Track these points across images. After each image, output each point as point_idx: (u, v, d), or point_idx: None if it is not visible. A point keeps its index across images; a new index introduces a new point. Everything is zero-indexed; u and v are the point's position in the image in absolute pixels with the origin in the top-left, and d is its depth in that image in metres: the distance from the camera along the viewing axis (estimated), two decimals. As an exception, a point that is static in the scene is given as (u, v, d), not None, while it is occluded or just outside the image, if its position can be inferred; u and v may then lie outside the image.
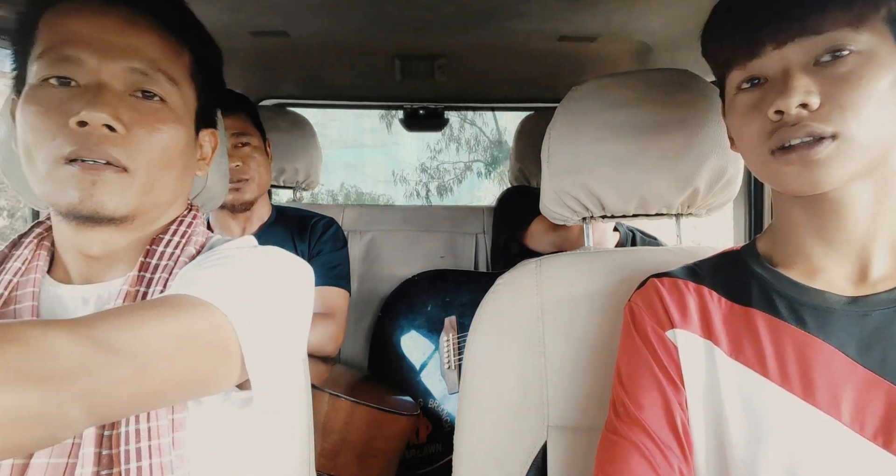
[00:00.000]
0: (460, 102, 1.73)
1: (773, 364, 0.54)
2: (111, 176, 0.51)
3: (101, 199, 0.51)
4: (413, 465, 1.35)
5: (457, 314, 1.42)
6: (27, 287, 0.54)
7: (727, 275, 0.61)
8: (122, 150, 0.51)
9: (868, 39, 0.49)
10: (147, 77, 0.53)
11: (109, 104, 0.50)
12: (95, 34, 0.52)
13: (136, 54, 0.53)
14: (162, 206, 0.58)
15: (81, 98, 0.50)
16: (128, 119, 0.51)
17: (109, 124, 0.50)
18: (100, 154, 0.50)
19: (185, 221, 0.61)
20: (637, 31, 1.21)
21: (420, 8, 1.09)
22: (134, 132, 0.52)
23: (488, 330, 0.75)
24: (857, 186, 0.52)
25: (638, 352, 0.60)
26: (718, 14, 0.57)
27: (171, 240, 0.58)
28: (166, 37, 0.56)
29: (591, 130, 0.74)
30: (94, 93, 0.51)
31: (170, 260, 0.56)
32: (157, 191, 0.55)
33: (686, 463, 0.55)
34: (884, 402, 0.50)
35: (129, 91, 0.53)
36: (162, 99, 0.55)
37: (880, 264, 0.54)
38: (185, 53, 0.58)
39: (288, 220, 1.36)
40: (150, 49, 0.54)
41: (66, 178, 0.50)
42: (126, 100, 0.52)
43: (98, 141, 0.50)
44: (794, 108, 0.49)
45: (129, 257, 0.58)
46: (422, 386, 1.40)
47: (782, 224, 0.59)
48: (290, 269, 0.59)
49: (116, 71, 0.52)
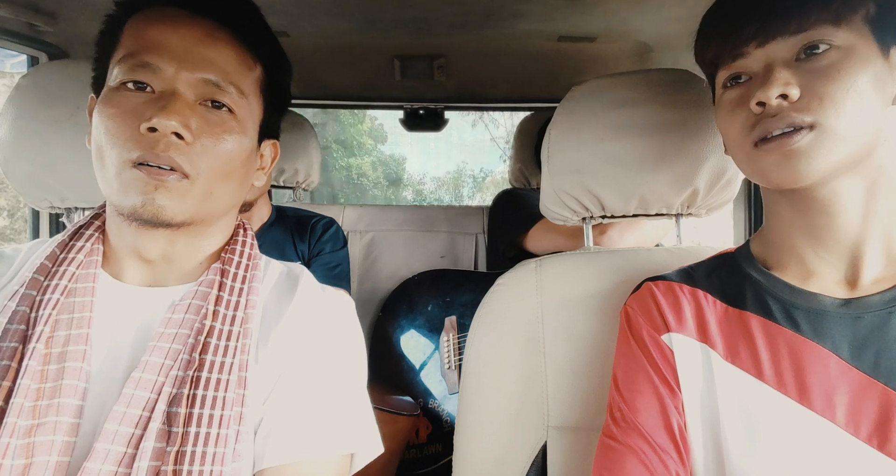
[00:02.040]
0: (460, 102, 1.73)
1: (768, 367, 0.54)
2: (173, 182, 0.52)
3: (162, 204, 0.52)
4: (413, 466, 1.35)
5: (457, 314, 1.42)
6: (87, 281, 0.55)
7: (722, 278, 0.61)
8: (187, 157, 0.52)
9: (847, 36, 0.50)
10: (219, 89, 0.55)
11: (180, 112, 0.52)
12: (176, 44, 0.54)
13: (211, 66, 0.55)
14: (219, 213, 0.59)
15: (154, 104, 0.52)
16: (196, 128, 0.53)
17: (178, 132, 0.51)
18: (165, 160, 0.51)
19: (248, 243, 0.63)
20: (637, 31, 1.21)
21: (420, 8, 1.09)
22: (201, 141, 0.53)
23: (488, 330, 0.75)
24: (844, 184, 0.52)
25: (634, 356, 0.60)
26: (706, 18, 0.59)
27: (240, 261, 0.60)
28: (242, 51, 0.57)
29: (591, 130, 0.74)
30: (167, 100, 0.52)
31: (241, 282, 0.59)
32: (216, 199, 0.57)
33: (683, 467, 0.55)
34: (878, 404, 0.50)
35: (199, 100, 0.54)
36: (230, 110, 0.56)
37: (872, 266, 0.54)
38: (257, 68, 0.59)
39: (288, 221, 1.36)
40: (225, 62, 0.56)
41: (131, 182, 0.51)
42: (196, 109, 0.54)
43: (165, 147, 0.51)
44: (774, 98, 0.50)
45: (185, 267, 0.59)
46: (422, 386, 1.40)
47: (773, 225, 0.59)
48: (359, 336, 0.64)
49: (191, 81, 0.54)
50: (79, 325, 0.52)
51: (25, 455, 0.47)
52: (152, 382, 0.51)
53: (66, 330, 0.52)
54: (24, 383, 0.48)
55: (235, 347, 0.54)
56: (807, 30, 0.50)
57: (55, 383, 0.50)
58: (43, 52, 1.19)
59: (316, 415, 0.55)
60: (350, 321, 0.64)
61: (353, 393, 0.60)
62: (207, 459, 0.49)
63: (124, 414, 0.49)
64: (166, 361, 0.52)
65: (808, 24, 0.50)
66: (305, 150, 1.57)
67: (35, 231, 1.30)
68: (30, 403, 0.48)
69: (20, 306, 0.53)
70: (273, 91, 0.62)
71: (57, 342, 0.52)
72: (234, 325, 0.55)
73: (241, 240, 0.62)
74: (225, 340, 0.54)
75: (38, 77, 0.80)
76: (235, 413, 0.52)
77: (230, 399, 0.52)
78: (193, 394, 0.50)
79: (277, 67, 0.62)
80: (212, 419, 0.50)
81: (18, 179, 0.81)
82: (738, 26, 0.53)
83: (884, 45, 0.51)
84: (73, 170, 0.79)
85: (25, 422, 0.48)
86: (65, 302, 0.54)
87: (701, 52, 0.60)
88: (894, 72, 0.51)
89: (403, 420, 1.20)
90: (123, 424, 0.49)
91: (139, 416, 0.49)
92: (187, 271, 0.59)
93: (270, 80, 0.62)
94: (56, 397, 0.49)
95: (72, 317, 0.53)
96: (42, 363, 0.50)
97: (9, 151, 0.79)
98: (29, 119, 0.78)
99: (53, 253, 0.57)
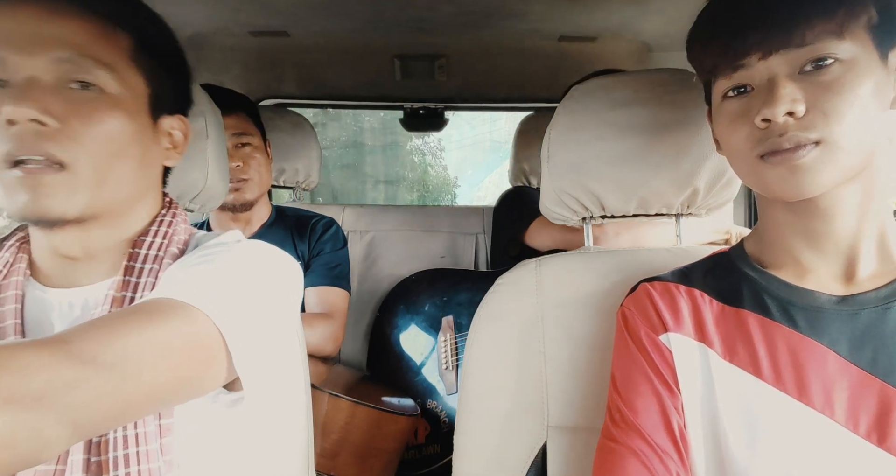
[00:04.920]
0: (460, 102, 1.73)
1: (766, 365, 0.54)
2: (52, 178, 0.49)
3: (45, 204, 0.49)
4: (412, 466, 1.35)
5: (454, 314, 1.42)
6: (9, 290, 0.53)
7: (718, 277, 0.61)
8: (57, 143, 0.49)
9: (850, 48, 0.49)
10: (75, 65, 0.50)
11: (35, 98, 0.48)
12: (13, 28, 0.49)
13: (58, 43, 0.50)
14: (125, 201, 0.56)
15: (9, 96, 0.48)
16: (60, 111, 0.49)
17: (37, 118, 0.48)
18: (34, 150, 0.48)
19: (165, 221, 0.59)
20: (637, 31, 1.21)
21: (420, 8, 1.09)
22: (69, 124, 0.49)
23: (488, 330, 0.75)
24: (844, 191, 0.52)
25: (632, 357, 0.60)
26: (703, 20, 0.57)
27: (154, 241, 0.57)
28: (94, 20, 0.52)
29: (592, 130, 0.74)
30: (22, 88, 0.49)
31: (154, 262, 0.55)
32: (112, 185, 0.53)
33: (684, 467, 0.55)
34: (876, 400, 0.50)
35: (62, 83, 0.50)
36: (100, 88, 0.52)
37: (867, 263, 0.54)
38: (121, 36, 0.54)
39: (288, 221, 1.36)
40: (74, 36, 0.51)
41: (11, 184, 0.49)
42: (60, 92, 0.50)
43: (31, 138, 0.48)
44: (780, 116, 0.49)
45: (110, 258, 0.57)
46: (420, 386, 1.40)
47: (768, 226, 0.59)
48: (275, 263, 0.58)
49: (42, 63, 0.50)
50: (3, 335, 0.50)
51: None
52: None
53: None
54: None
55: None
56: (812, 43, 0.49)
57: None
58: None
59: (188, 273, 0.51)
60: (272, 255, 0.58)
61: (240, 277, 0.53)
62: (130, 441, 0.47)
63: None
64: None
65: (812, 36, 0.49)
66: (305, 150, 1.57)
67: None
68: None
69: None
70: (153, 60, 0.57)
71: None
72: None
73: (158, 219, 0.59)
74: None
75: None
76: (156, 427, 0.49)
77: (148, 419, 0.49)
78: None
79: (150, 33, 0.57)
80: (135, 438, 0.48)
81: None
82: (740, 36, 0.52)
83: (882, 51, 0.51)
84: None
85: None
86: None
87: (698, 57, 0.59)
88: (892, 76, 0.51)
89: (404, 420, 1.20)
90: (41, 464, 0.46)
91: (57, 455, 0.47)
92: (113, 264, 0.56)
93: (145, 48, 0.56)
94: None
95: None
96: None
97: None
98: None
99: None
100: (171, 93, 0.61)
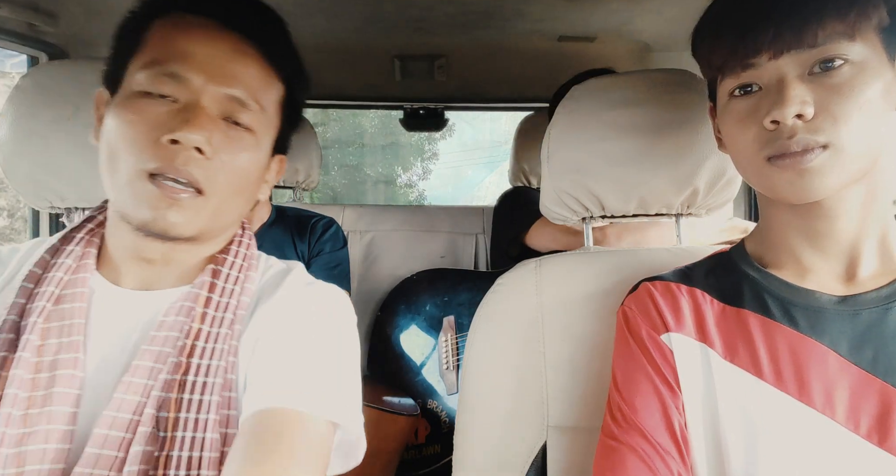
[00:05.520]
0: (460, 102, 1.73)
1: (767, 365, 0.54)
2: (187, 200, 0.51)
3: (174, 221, 0.51)
4: (412, 466, 1.35)
5: (455, 314, 1.42)
6: (77, 287, 0.54)
7: (719, 277, 0.61)
8: (205, 172, 0.52)
9: (861, 50, 0.49)
10: (242, 106, 0.54)
11: (204, 127, 0.51)
12: (205, 56, 0.53)
13: (238, 82, 0.54)
14: (226, 227, 0.60)
15: (178, 116, 0.51)
16: (216, 143, 0.52)
17: (200, 147, 0.51)
18: (184, 174, 0.50)
19: (244, 242, 0.62)
20: (637, 31, 1.21)
21: (420, 8, 1.10)
22: (219, 156, 0.53)
23: (488, 330, 0.75)
24: (848, 192, 0.52)
25: (633, 356, 0.60)
26: (711, 18, 0.56)
27: (234, 261, 0.59)
28: (267, 67, 0.57)
29: (592, 130, 0.74)
30: (191, 113, 0.51)
31: (235, 283, 0.58)
32: (226, 214, 0.56)
33: (685, 467, 0.55)
34: (877, 401, 0.50)
35: (222, 116, 0.54)
36: (249, 128, 0.55)
37: (868, 263, 0.54)
38: (279, 85, 0.59)
39: (288, 221, 1.35)
40: (251, 78, 0.55)
41: (144, 195, 0.50)
42: (218, 124, 0.53)
43: (185, 161, 0.50)
44: (790, 118, 0.49)
45: (184, 268, 0.58)
46: (421, 386, 1.40)
47: (770, 225, 0.59)
48: (349, 324, 0.61)
49: (217, 95, 0.53)
50: (69, 333, 0.52)
51: (16, 464, 0.46)
52: (142, 386, 0.50)
53: (58, 338, 0.51)
54: (11, 393, 0.48)
55: (222, 349, 0.53)
56: (823, 44, 0.49)
57: (46, 392, 0.49)
58: (43, 52, 1.19)
59: (296, 368, 0.53)
60: (338, 306, 0.62)
61: (339, 367, 0.57)
62: (193, 464, 0.48)
63: (114, 418, 0.49)
64: (155, 365, 0.51)
65: (824, 37, 0.49)
66: (305, 150, 1.57)
67: (35, 231, 1.30)
68: (20, 412, 0.48)
69: (10, 315, 0.52)
70: (291, 108, 0.62)
71: (48, 350, 0.51)
72: (222, 327, 0.54)
73: (237, 240, 0.62)
74: (212, 343, 0.53)
75: (38, 77, 0.80)
76: (222, 416, 0.51)
77: (215, 402, 0.51)
78: (180, 398, 0.50)
79: (298, 86, 0.62)
80: (197, 423, 0.49)
81: (18, 179, 0.81)
82: (751, 35, 0.51)
83: (891, 53, 0.50)
84: (73, 170, 0.79)
85: (15, 431, 0.47)
86: (54, 309, 0.53)
87: (706, 55, 0.58)
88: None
89: (403, 420, 1.20)
90: (113, 429, 0.48)
91: (129, 421, 0.49)
92: (184, 273, 0.58)
93: (290, 98, 0.61)
94: (47, 406, 0.49)
95: (62, 324, 0.52)
96: (32, 372, 0.50)
97: (9, 151, 0.79)
98: (29, 119, 0.78)
99: (43, 259, 0.56)
100: (288, 137, 0.65)
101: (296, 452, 0.47)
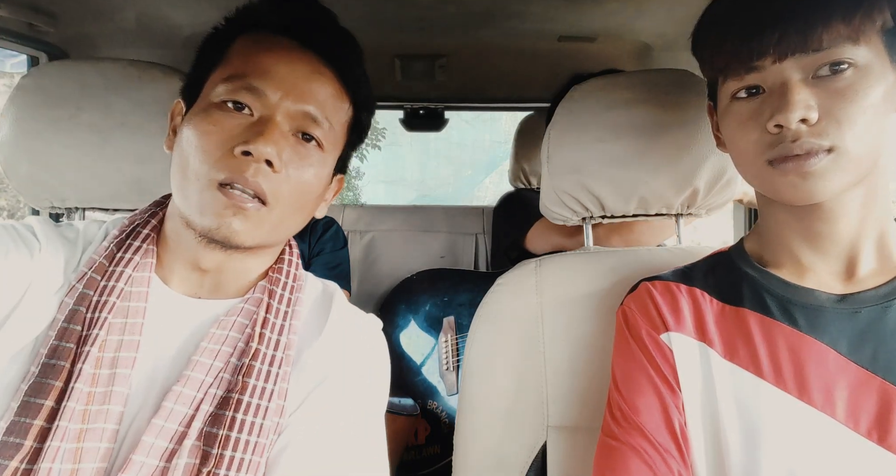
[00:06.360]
0: (460, 102, 1.73)
1: (766, 364, 0.54)
2: (252, 209, 0.52)
3: (237, 229, 0.52)
4: (412, 467, 1.34)
5: (455, 314, 1.42)
6: (141, 285, 0.55)
7: (718, 276, 0.61)
8: (272, 185, 0.52)
9: (865, 53, 0.49)
10: (315, 123, 0.56)
11: (276, 141, 0.52)
12: (285, 73, 0.54)
13: (313, 100, 0.55)
14: (281, 241, 0.61)
15: (252, 129, 0.52)
16: (286, 157, 0.53)
17: (271, 159, 0.52)
18: (253, 185, 0.51)
19: (293, 262, 0.63)
20: (637, 31, 1.21)
21: (420, 8, 1.09)
22: (287, 171, 0.54)
23: (488, 330, 0.75)
24: (849, 193, 0.52)
25: (633, 356, 0.60)
26: (714, 19, 0.56)
27: (286, 282, 0.60)
28: (341, 89, 0.59)
29: (591, 130, 0.74)
30: (265, 127, 0.52)
31: (287, 306, 0.59)
32: (285, 228, 0.57)
33: (685, 466, 0.55)
34: (877, 399, 0.50)
35: (293, 131, 0.55)
36: (319, 144, 0.57)
37: (867, 262, 0.54)
38: (349, 107, 0.61)
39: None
40: (325, 98, 0.57)
41: (212, 203, 0.51)
42: (289, 139, 0.54)
43: (255, 173, 0.51)
44: (794, 123, 0.49)
45: (231, 280, 0.59)
46: (421, 386, 1.40)
47: (769, 225, 0.59)
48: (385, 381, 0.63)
49: (291, 111, 0.54)
50: (131, 331, 0.52)
51: (73, 460, 0.46)
52: (191, 398, 0.50)
53: (119, 335, 0.51)
54: (78, 387, 0.48)
55: (277, 374, 0.53)
56: (828, 47, 0.49)
57: (106, 389, 0.49)
58: (43, 52, 1.19)
59: (335, 436, 0.54)
60: (380, 349, 0.63)
61: (372, 422, 0.59)
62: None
63: (162, 427, 0.48)
64: (206, 378, 0.51)
65: (829, 41, 0.48)
66: None
67: (35, 231, 1.30)
68: (81, 407, 0.48)
69: (77, 305, 0.51)
70: (356, 131, 0.64)
71: (109, 346, 0.51)
72: (278, 351, 0.54)
73: (287, 258, 0.62)
74: (268, 365, 0.53)
75: (38, 77, 0.80)
76: (270, 442, 0.51)
77: (267, 427, 0.51)
78: (233, 417, 0.50)
79: (366, 109, 0.64)
80: (247, 445, 0.49)
81: (19, 179, 0.81)
82: (756, 38, 0.51)
83: (894, 56, 0.50)
84: (74, 170, 0.79)
85: (76, 426, 0.47)
86: (119, 305, 0.53)
87: (708, 56, 0.57)
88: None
89: (403, 420, 1.20)
90: (160, 438, 0.48)
91: (175, 431, 0.49)
92: (234, 286, 0.59)
93: (357, 120, 0.63)
94: (106, 403, 0.49)
95: (125, 322, 0.52)
96: (94, 367, 0.50)
97: (9, 151, 0.79)
98: (29, 119, 0.78)
99: (111, 251, 0.56)
100: (349, 157, 0.66)
101: None
